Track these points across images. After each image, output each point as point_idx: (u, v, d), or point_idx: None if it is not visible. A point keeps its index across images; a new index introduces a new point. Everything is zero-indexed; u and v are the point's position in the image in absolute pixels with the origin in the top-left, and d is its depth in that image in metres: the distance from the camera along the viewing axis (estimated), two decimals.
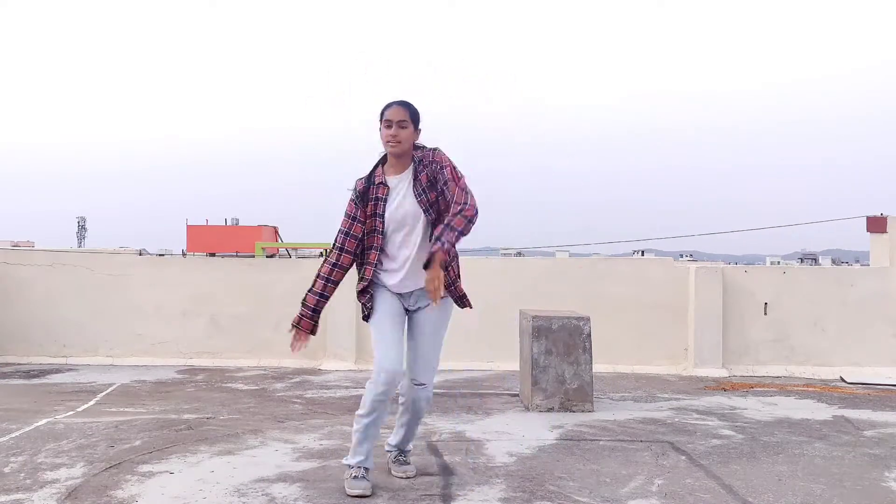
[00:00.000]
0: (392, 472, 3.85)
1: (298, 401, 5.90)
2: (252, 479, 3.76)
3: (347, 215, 3.68)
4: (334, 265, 3.67)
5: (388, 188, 3.63)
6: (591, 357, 5.67)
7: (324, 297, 3.68)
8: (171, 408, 5.51)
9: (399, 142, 3.59)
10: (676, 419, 5.35)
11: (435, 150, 3.66)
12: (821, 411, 5.76)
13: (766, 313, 7.84)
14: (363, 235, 3.65)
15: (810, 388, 6.82)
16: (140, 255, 10.50)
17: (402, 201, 3.60)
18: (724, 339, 7.72)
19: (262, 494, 3.54)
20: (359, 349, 7.77)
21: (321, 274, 3.68)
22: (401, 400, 3.79)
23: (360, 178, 3.71)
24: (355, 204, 3.66)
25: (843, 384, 7.17)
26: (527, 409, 5.65)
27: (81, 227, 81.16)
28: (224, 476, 3.82)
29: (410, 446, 3.95)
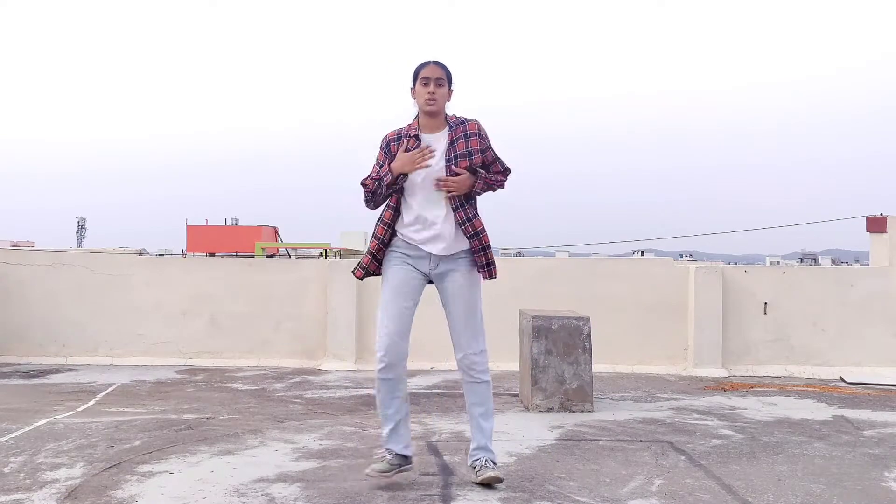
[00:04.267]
0: (475, 479, 3.65)
1: (298, 401, 5.90)
2: (252, 479, 3.76)
3: (377, 161, 3.74)
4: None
5: (420, 143, 3.66)
6: (590, 357, 5.67)
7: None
8: (170, 408, 5.51)
9: (436, 100, 3.64)
10: (676, 419, 5.35)
11: (478, 122, 3.72)
12: (820, 411, 5.76)
13: (765, 313, 7.84)
14: None
15: (810, 388, 6.82)
16: (140, 255, 10.51)
17: (433, 163, 3.63)
18: (723, 339, 7.71)
19: (262, 494, 3.54)
20: (359, 349, 7.77)
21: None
22: (463, 379, 3.74)
23: (393, 130, 3.77)
24: (384, 153, 3.73)
25: (843, 384, 7.17)
26: (526, 409, 5.65)
27: (81, 227, 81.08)
28: (224, 476, 3.82)
29: (492, 447, 3.73)
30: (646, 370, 7.65)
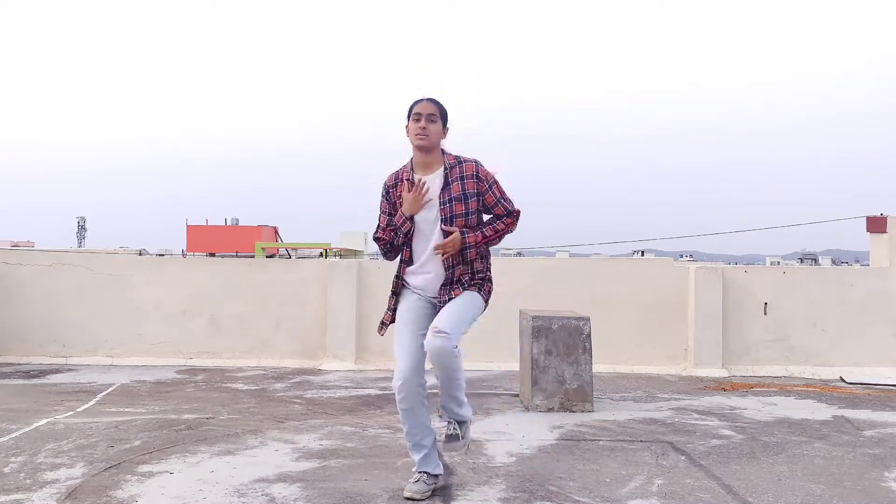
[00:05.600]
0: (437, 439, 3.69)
1: (298, 401, 5.90)
2: (252, 479, 3.76)
3: (381, 211, 3.69)
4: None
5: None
6: (590, 357, 5.67)
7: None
8: (171, 408, 5.51)
9: (427, 135, 3.54)
10: (676, 419, 5.35)
11: (476, 162, 3.60)
12: (821, 411, 5.76)
13: (766, 313, 7.84)
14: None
15: (810, 388, 6.82)
16: (140, 255, 10.51)
17: (428, 205, 3.55)
18: (724, 339, 7.72)
19: (262, 494, 3.54)
20: (359, 349, 7.77)
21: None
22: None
23: (391, 174, 3.70)
24: (386, 200, 3.67)
25: (843, 384, 7.17)
26: (527, 409, 5.65)
27: (81, 227, 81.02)
28: (224, 476, 3.82)
29: (467, 412, 3.71)
30: (646, 370, 7.65)
